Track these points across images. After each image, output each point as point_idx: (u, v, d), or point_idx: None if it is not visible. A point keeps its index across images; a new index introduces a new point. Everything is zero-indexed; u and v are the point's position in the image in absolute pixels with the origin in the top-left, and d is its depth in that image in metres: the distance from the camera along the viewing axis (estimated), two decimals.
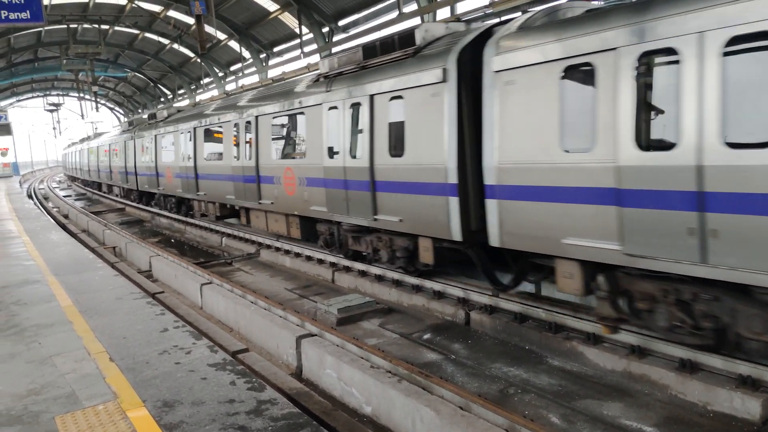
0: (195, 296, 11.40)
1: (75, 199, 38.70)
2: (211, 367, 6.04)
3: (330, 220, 12.02)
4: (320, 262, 13.37)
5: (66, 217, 27.46)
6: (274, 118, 13.64)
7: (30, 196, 38.01)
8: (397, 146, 9.78)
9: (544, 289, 9.29)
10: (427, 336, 8.84)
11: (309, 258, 13.83)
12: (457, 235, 8.77)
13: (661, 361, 6.77)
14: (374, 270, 11.56)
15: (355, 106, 10.68)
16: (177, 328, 7.42)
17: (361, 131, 10.56)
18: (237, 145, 15.48)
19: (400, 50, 10.05)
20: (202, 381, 5.68)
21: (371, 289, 11.29)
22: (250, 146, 14.70)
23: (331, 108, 11.38)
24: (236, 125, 15.49)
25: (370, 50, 10.87)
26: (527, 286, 9.39)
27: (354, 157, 10.76)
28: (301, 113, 12.45)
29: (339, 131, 11.12)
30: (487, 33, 8.73)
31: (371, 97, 10.28)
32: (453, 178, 8.70)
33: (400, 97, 9.64)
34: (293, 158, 12.93)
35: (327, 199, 11.68)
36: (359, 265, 12.01)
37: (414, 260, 10.37)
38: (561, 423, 6.06)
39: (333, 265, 12.91)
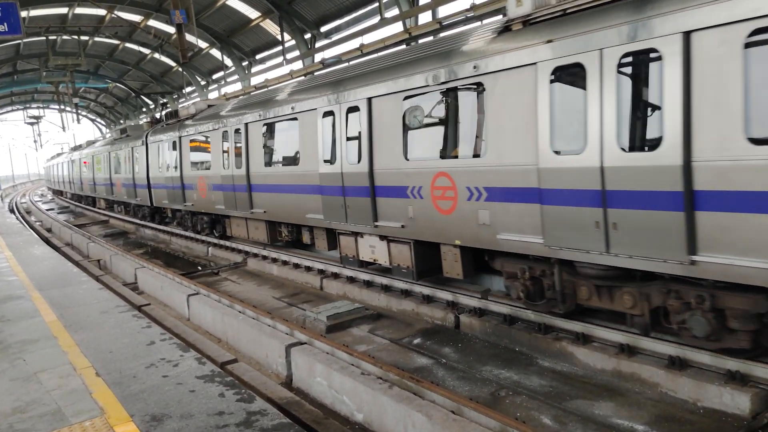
0: (182, 307, 11.30)
1: (58, 213, 38.33)
2: (200, 379, 5.97)
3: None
4: (308, 269, 13.31)
5: (49, 230, 27.19)
6: None
7: (12, 211, 37.63)
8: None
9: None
10: (417, 341, 8.81)
11: (297, 266, 13.77)
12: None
13: (650, 359, 6.79)
14: (363, 276, 11.53)
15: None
16: (164, 340, 7.34)
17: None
18: None
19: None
20: (190, 394, 5.61)
21: (360, 295, 11.25)
22: None
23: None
24: None
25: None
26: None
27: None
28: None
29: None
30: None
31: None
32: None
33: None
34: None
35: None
36: (347, 272, 11.97)
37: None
38: (553, 424, 6.05)
39: (321, 272, 12.87)
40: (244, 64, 39.15)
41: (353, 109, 10.54)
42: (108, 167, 28.63)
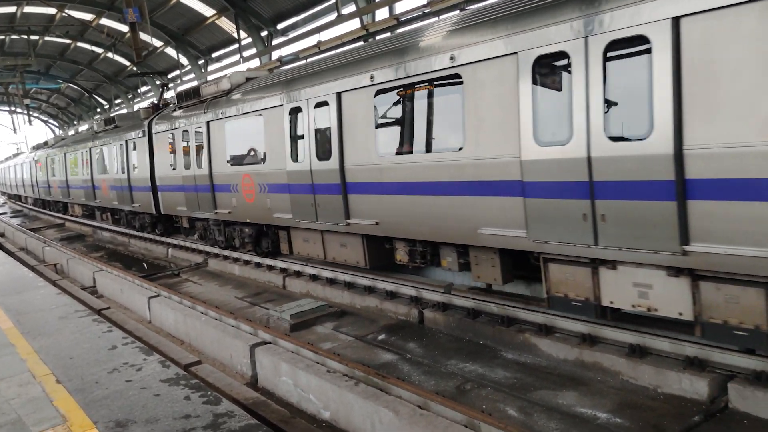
0: (143, 310, 11.11)
1: (11, 217, 37.27)
2: (164, 382, 5.89)
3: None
4: (270, 268, 13.22)
5: (2, 235, 26.43)
6: None
7: None
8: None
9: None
10: (381, 337, 8.84)
11: (258, 265, 13.66)
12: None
13: (611, 347, 6.94)
14: (325, 273, 11.50)
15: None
16: (126, 344, 7.21)
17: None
18: None
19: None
20: (155, 398, 5.53)
21: (323, 292, 11.22)
22: None
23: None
24: None
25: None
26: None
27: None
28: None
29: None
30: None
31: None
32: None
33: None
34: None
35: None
36: (310, 269, 11.92)
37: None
38: (518, 415, 6.14)
39: (283, 270, 12.79)
40: (200, 62, 38.60)
41: (620, 45, 6.11)
42: (88, 167, 23.64)
